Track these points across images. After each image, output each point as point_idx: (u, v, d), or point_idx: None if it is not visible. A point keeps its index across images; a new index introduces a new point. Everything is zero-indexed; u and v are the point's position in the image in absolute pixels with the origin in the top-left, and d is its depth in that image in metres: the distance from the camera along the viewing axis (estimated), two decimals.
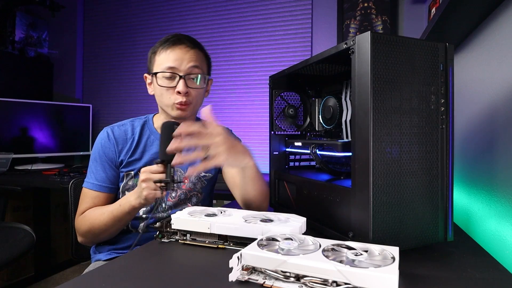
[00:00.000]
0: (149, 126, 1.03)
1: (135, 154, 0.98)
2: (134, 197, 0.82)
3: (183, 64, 0.91)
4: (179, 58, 0.91)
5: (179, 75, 0.91)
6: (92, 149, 0.99)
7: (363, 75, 0.58)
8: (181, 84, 0.91)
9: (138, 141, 0.99)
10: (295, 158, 1.02)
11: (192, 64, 0.92)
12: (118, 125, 1.01)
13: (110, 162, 0.96)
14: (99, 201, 0.94)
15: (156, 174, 0.77)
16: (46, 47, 2.64)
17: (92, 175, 0.95)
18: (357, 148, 0.59)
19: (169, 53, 0.91)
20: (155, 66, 0.94)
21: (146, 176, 0.78)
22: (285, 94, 1.00)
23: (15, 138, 2.15)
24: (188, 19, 2.43)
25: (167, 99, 0.93)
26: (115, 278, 0.51)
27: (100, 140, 0.98)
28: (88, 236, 0.92)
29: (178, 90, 0.91)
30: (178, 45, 0.92)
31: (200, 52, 0.96)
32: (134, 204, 0.82)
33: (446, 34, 1.03)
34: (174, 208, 1.00)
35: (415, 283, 0.49)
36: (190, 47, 0.93)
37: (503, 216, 0.74)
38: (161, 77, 0.92)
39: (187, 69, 0.92)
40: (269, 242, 0.53)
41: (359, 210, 0.59)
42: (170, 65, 0.91)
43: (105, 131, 0.98)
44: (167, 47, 0.92)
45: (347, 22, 2.05)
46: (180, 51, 0.92)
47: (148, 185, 0.77)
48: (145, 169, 0.79)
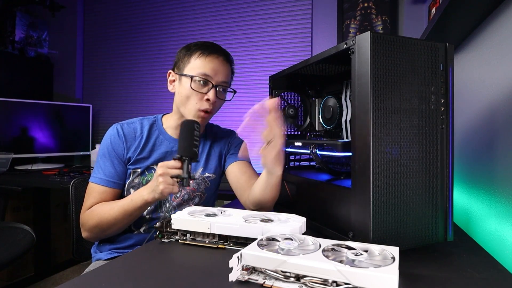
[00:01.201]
0: (158, 126, 1.04)
1: (143, 152, 0.98)
2: (147, 192, 0.83)
3: (218, 75, 0.95)
4: (215, 68, 0.94)
5: (212, 83, 0.94)
6: (101, 145, 1.00)
7: (363, 75, 0.58)
8: (213, 92, 0.94)
9: (147, 140, 1.00)
10: (295, 158, 1.02)
11: (224, 78, 0.97)
12: (127, 122, 1.02)
13: (119, 157, 0.97)
14: (106, 196, 0.94)
15: (173, 170, 0.79)
16: (46, 47, 2.64)
17: (100, 170, 0.95)
18: (357, 148, 0.59)
19: (208, 60, 0.94)
20: (189, 69, 0.95)
21: (163, 170, 0.78)
22: (285, 94, 1.00)
23: (15, 138, 2.15)
24: (188, 19, 2.43)
25: (193, 104, 0.94)
26: (115, 278, 0.51)
27: (110, 136, 0.98)
28: (95, 231, 0.92)
29: (208, 98, 0.94)
30: (217, 56, 0.95)
31: (230, 68, 1.01)
32: (147, 198, 0.83)
33: (446, 34, 1.03)
34: (177, 208, 1.00)
35: (415, 283, 0.49)
36: (226, 61, 0.97)
37: (503, 216, 0.74)
38: (195, 81, 0.93)
39: (220, 81, 0.96)
40: (269, 242, 0.53)
41: (359, 210, 0.59)
42: (206, 72, 0.93)
43: (115, 128, 0.99)
44: (207, 54, 0.94)
45: (347, 22, 2.05)
46: (218, 62, 0.95)
47: (165, 179, 0.78)
48: (163, 164, 0.80)
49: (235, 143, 1.11)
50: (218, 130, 1.14)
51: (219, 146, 1.09)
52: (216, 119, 1.08)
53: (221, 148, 1.09)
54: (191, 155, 0.79)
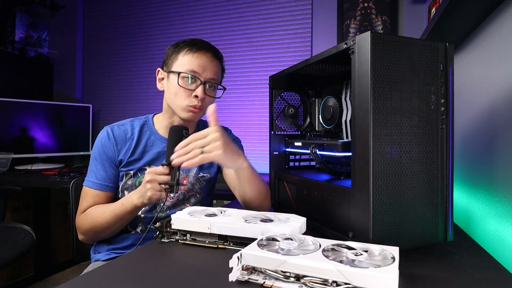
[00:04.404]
0: (149, 126, 1.03)
1: (135, 154, 0.98)
2: (136, 196, 0.83)
3: (206, 72, 0.94)
4: (203, 65, 0.93)
5: (200, 80, 0.93)
6: (93, 148, 1.00)
7: (363, 75, 0.58)
8: (201, 89, 0.93)
9: (138, 141, 0.99)
10: (295, 158, 1.02)
11: (213, 75, 0.96)
12: (118, 124, 1.01)
13: (110, 161, 0.97)
14: (99, 199, 0.95)
15: (161, 176, 0.79)
16: (46, 47, 2.64)
17: (93, 174, 0.96)
18: (357, 148, 0.59)
19: (196, 57, 0.93)
20: (177, 66, 0.94)
21: (151, 177, 0.79)
22: (285, 94, 1.00)
23: (15, 138, 2.15)
24: (188, 19, 2.43)
25: (181, 100, 0.94)
26: (115, 278, 0.51)
27: (100, 140, 0.98)
28: (89, 234, 0.93)
29: (196, 94, 0.93)
30: (205, 52, 0.94)
31: (220, 65, 1.00)
32: (137, 203, 0.84)
33: (446, 34, 1.03)
34: (172, 208, 1.00)
35: (415, 283, 0.49)
36: (215, 58, 0.96)
37: (503, 216, 0.74)
38: (182, 77, 0.93)
39: (208, 77, 0.95)
40: (269, 242, 0.53)
41: (359, 210, 0.59)
42: (194, 69, 0.93)
43: (105, 130, 0.99)
44: (194, 50, 0.93)
45: (347, 22, 2.05)
46: (206, 59, 0.94)
47: (153, 186, 0.79)
48: (151, 170, 0.80)
49: None
50: None
51: None
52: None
53: None
54: None
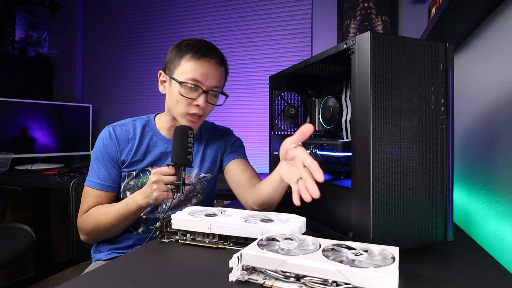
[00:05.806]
0: (152, 126, 1.02)
1: (137, 154, 0.98)
2: (141, 197, 0.83)
3: (208, 80, 0.91)
4: (206, 73, 0.90)
5: (203, 89, 0.91)
6: (94, 148, 0.99)
7: (363, 75, 0.58)
8: (202, 99, 0.91)
9: (140, 141, 0.99)
10: None
11: (215, 83, 0.93)
12: (119, 124, 1.01)
13: (112, 161, 0.96)
14: (101, 199, 0.94)
15: (167, 176, 0.79)
16: (46, 47, 2.64)
17: (95, 174, 0.95)
18: (357, 148, 0.59)
19: (199, 65, 0.90)
20: (179, 72, 0.91)
21: (157, 177, 0.79)
22: (285, 94, 1.00)
23: (15, 138, 2.15)
24: (188, 19, 2.43)
25: (182, 108, 0.92)
26: (115, 278, 0.51)
27: (102, 139, 0.97)
28: (92, 234, 0.92)
29: (198, 104, 0.91)
30: (208, 58, 0.90)
31: (223, 71, 0.97)
32: (142, 204, 0.83)
33: (446, 34, 1.03)
34: (174, 209, 1.00)
35: (415, 283, 0.49)
36: (218, 64, 0.93)
37: (503, 216, 0.74)
38: (184, 86, 0.90)
39: (211, 86, 0.92)
40: (269, 242, 0.53)
41: (359, 210, 0.59)
42: (196, 77, 0.89)
43: (107, 130, 0.98)
44: (197, 57, 0.90)
45: (347, 22, 2.05)
46: (209, 66, 0.91)
47: (159, 186, 0.79)
48: (156, 171, 0.80)
49: (232, 141, 1.10)
50: (214, 128, 1.12)
51: (215, 145, 1.08)
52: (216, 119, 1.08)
53: (217, 147, 1.08)
54: (185, 162, 0.79)
